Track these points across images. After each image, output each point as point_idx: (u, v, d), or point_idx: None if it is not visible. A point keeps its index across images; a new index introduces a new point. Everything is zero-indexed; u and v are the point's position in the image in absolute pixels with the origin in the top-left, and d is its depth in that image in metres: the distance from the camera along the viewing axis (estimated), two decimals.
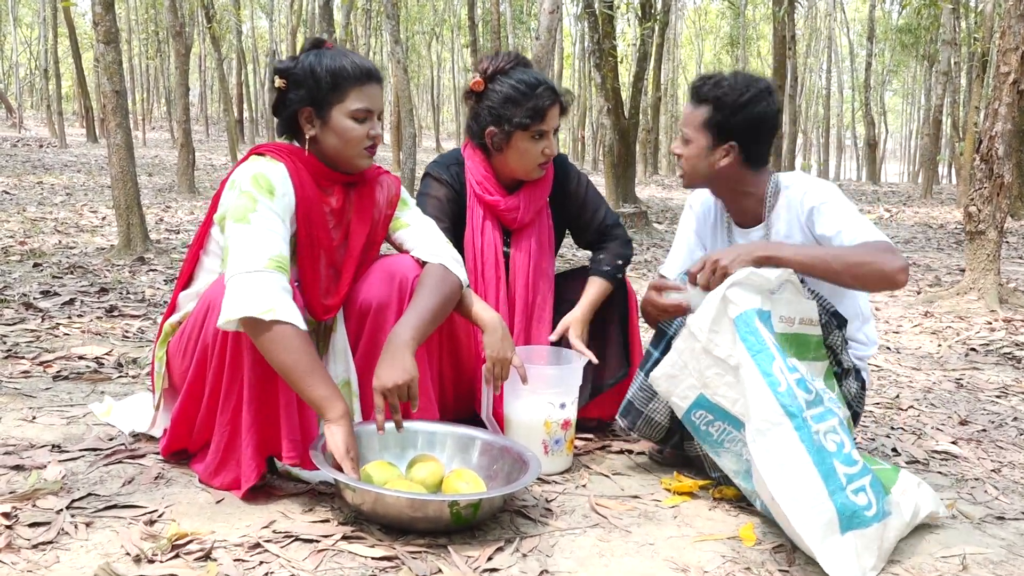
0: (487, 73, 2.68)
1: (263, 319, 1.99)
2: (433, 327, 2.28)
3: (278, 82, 2.29)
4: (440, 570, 1.86)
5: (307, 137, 2.29)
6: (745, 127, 2.42)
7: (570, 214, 2.87)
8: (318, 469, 2.04)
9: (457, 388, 2.61)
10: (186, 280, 2.40)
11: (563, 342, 2.71)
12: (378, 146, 2.31)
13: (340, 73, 2.23)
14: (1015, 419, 3.26)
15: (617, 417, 2.52)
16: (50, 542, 1.88)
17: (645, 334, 3.11)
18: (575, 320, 2.72)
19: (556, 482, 2.43)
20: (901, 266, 2.18)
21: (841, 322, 2.35)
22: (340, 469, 2.03)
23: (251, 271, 2.05)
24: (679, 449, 2.54)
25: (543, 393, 2.46)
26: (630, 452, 2.71)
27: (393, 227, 2.48)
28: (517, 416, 2.49)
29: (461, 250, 2.71)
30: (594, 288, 2.76)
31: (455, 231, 2.72)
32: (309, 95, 2.25)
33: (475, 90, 2.70)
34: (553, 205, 2.85)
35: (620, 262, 2.81)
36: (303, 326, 2.05)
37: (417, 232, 2.47)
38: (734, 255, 2.20)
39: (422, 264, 2.39)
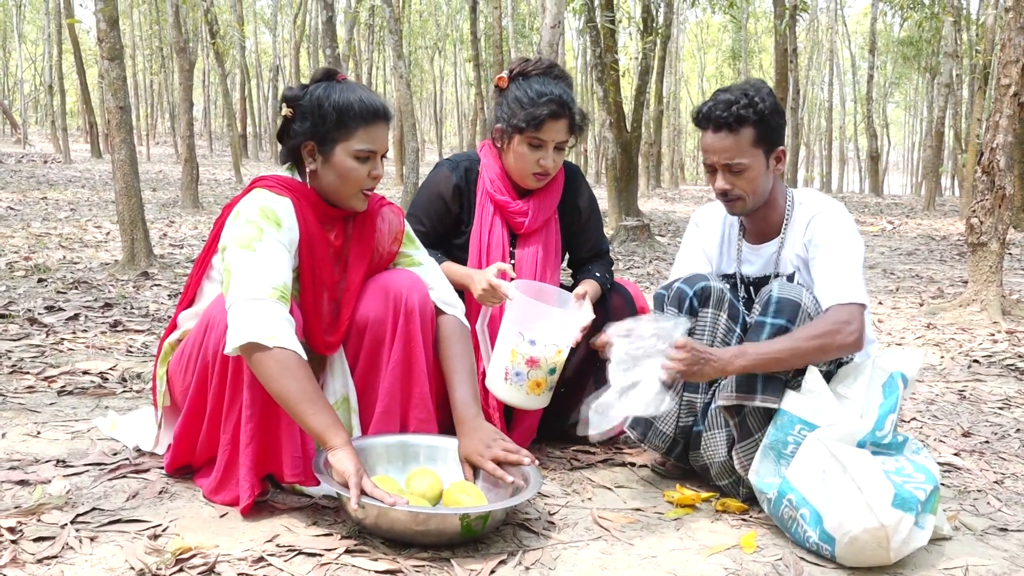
0: (512, 73, 2.73)
1: (266, 345, 2.00)
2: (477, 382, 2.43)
3: (285, 110, 2.28)
4: None
5: (308, 171, 2.29)
6: (783, 126, 2.44)
7: (572, 228, 2.89)
8: (319, 485, 2.04)
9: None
10: (188, 303, 2.41)
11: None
12: (377, 184, 2.31)
13: (347, 111, 2.21)
14: (1018, 431, 3.26)
15: (627, 428, 2.54)
16: (55, 557, 1.89)
17: None
18: (589, 283, 2.74)
19: (559, 495, 2.43)
20: (854, 340, 2.23)
21: None
22: (347, 485, 2.01)
23: (254, 298, 2.05)
24: (683, 460, 2.55)
25: (519, 323, 2.50)
26: (632, 465, 2.71)
27: (405, 263, 2.48)
28: (499, 336, 2.56)
29: (449, 246, 2.78)
30: (591, 284, 2.75)
31: (438, 230, 2.78)
32: (313, 129, 2.23)
33: (499, 86, 2.75)
34: (560, 215, 2.87)
35: (608, 276, 2.84)
36: (304, 355, 2.05)
37: (431, 272, 2.49)
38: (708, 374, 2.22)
39: (427, 290, 2.42)
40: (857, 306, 2.26)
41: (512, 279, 2.59)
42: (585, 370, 2.79)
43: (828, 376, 2.33)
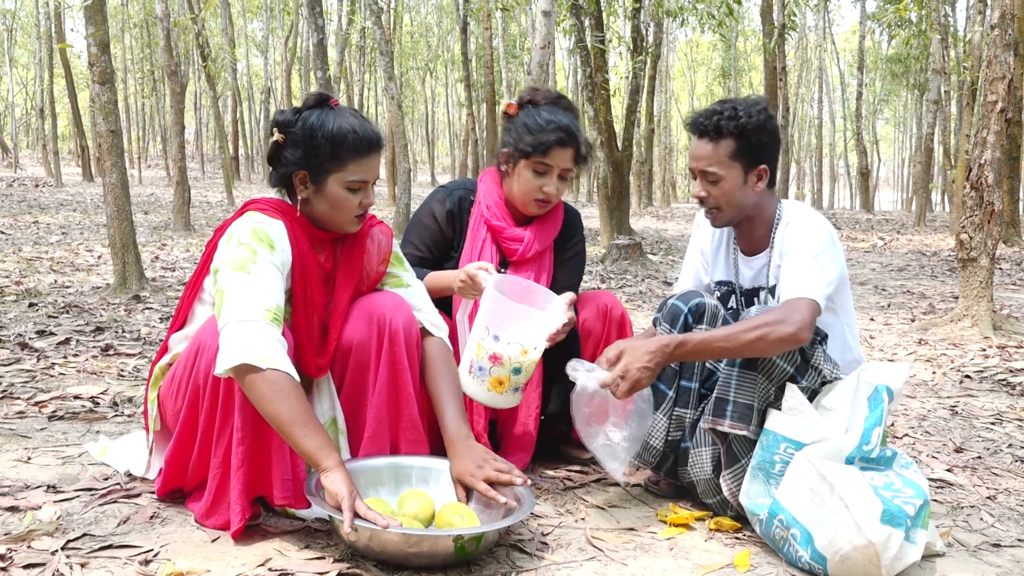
0: (522, 101, 2.76)
1: (259, 366, 1.99)
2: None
3: (276, 135, 2.27)
4: None
5: (300, 198, 2.29)
6: (770, 145, 2.45)
7: (557, 264, 2.88)
8: (310, 508, 2.03)
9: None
10: (179, 325, 2.41)
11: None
12: (368, 210, 2.32)
13: (341, 143, 2.22)
14: (1010, 446, 3.26)
15: None
16: None
17: None
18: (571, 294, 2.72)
19: (552, 516, 2.43)
20: (794, 331, 2.18)
21: (822, 336, 2.35)
22: (339, 508, 1.99)
23: (247, 320, 2.05)
24: (673, 477, 2.55)
25: (487, 318, 2.48)
26: (625, 484, 2.70)
27: (392, 284, 2.49)
28: (472, 329, 2.56)
29: (441, 270, 2.76)
30: (572, 295, 2.73)
31: (434, 254, 2.79)
32: (306, 159, 2.24)
33: (508, 113, 2.77)
34: (555, 251, 2.87)
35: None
36: (296, 377, 2.05)
37: (417, 294, 2.50)
38: (637, 370, 2.20)
39: (412, 312, 2.42)
40: (807, 300, 2.24)
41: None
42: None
43: (813, 394, 2.33)
